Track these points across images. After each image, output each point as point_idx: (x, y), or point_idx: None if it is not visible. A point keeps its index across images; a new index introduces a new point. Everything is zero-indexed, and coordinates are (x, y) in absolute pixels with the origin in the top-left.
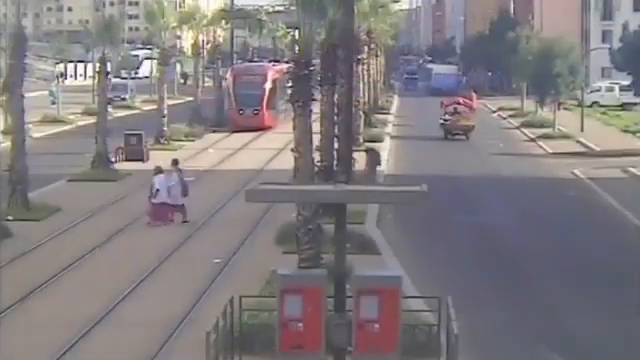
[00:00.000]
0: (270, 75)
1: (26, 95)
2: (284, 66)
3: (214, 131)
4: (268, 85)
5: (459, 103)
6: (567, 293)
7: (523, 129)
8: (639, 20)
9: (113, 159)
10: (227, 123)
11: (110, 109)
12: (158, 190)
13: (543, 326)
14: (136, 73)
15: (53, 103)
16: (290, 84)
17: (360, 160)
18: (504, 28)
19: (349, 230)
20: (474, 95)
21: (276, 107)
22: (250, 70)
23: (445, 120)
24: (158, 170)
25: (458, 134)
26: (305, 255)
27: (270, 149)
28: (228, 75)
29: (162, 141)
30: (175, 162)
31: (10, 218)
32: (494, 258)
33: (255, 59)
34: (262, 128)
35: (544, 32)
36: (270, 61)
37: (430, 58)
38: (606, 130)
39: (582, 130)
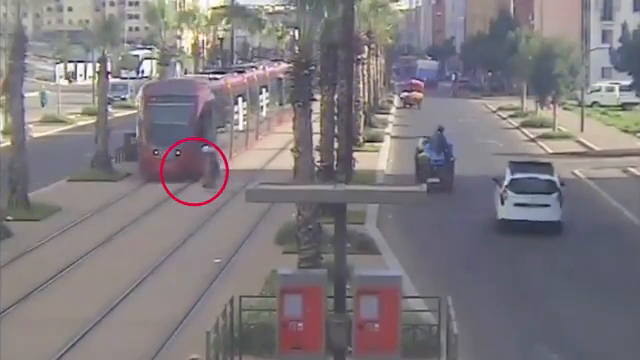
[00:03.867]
0: (201, 97)
1: (26, 95)
2: (231, 79)
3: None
4: (198, 112)
5: (412, 84)
6: (567, 293)
7: (523, 129)
8: (639, 20)
9: (113, 159)
10: (139, 168)
11: (110, 109)
12: None
13: (542, 326)
14: (142, 72)
15: (43, 105)
16: (290, 84)
17: (360, 160)
18: (504, 28)
19: (349, 230)
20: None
21: None
22: (170, 89)
23: (403, 96)
24: None
25: (411, 104)
26: (305, 255)
27: (270, 149)
28: (139, 96)
29: None
30: None
31: (10, 218)
32: (494, 258)
33: (255, 59)
34: (189, 176)
35: (544, 32)
36: (212, 72)
37: (430, 58)
38: (606, 130)
39: (582, 130)
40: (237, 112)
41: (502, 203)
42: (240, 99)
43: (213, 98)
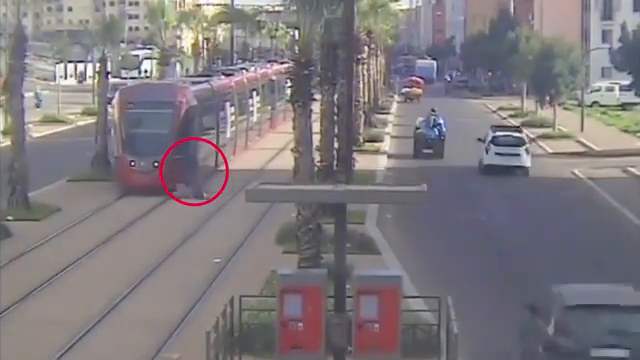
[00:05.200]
0: (183, 102)
1: (25, 95)
2: (216, 83)
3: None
4: (179, 119)
5: (412, 81)
6: None
7: (523, 129)
8: (639, 20)
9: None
10: (114, 178)
11: (110, 109)
12: None
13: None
14: (146, 71)
15: (38, 106)
16: (288, 85)
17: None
18: (504, 28)
19: (349, 230)
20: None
21: None
22: (149, 94)
23: (404, 92)
24: None
25: (412, 99)
26: (305, 255)
27: (270, 149)
28: (114, 101)
29: None
30: None
31: (10, 218)
32: (494, 257)
33: (255, 59)
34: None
35: (544, 32)
36: (199, 75)
37: (430, 58)
38: (606, 130)
39: (582, 130)
40: (224, 118)
41: (487, 153)
42: (227, 104)
43: (196, 104)
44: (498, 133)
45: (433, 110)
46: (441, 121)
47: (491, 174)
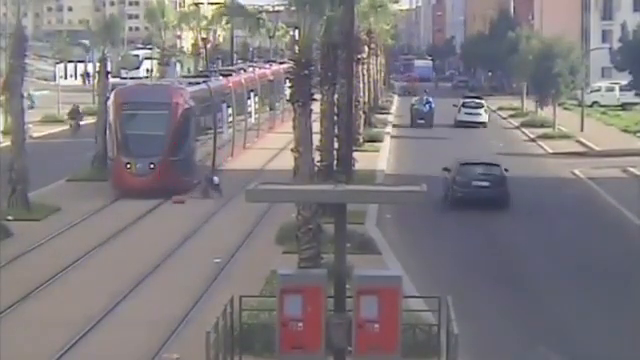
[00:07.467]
0: (179, 103)
1: (25, 95)
2: (213, 83)
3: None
4: (176, 120)
5: (409, 77)
6: (567, 292)
7: (523, 129)
8: (639, 20)
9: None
10: (110, 180)
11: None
12: None
13: (542, 327)
14: (151, 71)
15: (31, 107)
16: (290, 84)
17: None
18: (504, 28)
19: (349, 230)
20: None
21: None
22: (144, 95)
23: (403, 85)
24: None
25: (409, 92)
26: (305, 255)
27: (270, 149)
28: (109, 102)
29: None
30: None
31: (10, 218)
32: (494, 257)
33: (255, 59)
34: (165, 192)
35: (544, 32)
36: (196, 76)
37: (431, 57)
38: (606, 130)
39: (582, 130)
40: (221, 119)
41: (459, 112)
42: (225, 105)
43: (193, 105)
44: (466, 100)
45: (425, 91)
46: (431, 99)
47: (461, 127)
